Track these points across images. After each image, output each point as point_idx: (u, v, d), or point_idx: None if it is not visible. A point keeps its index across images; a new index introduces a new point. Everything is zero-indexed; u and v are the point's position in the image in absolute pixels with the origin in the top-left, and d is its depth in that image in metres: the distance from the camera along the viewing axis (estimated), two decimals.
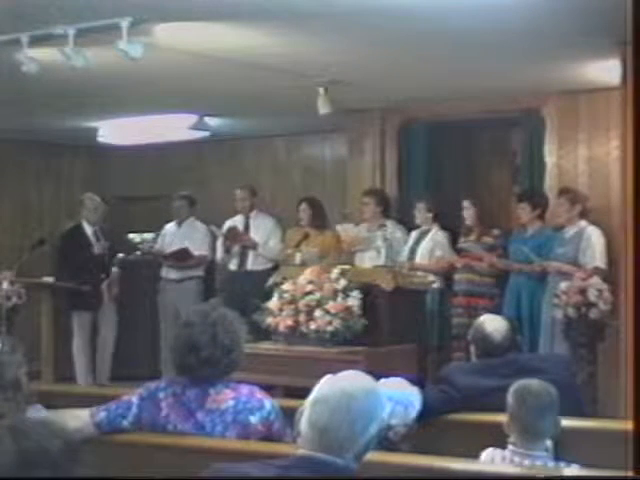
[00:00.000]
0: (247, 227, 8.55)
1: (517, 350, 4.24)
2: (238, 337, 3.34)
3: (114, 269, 8.62)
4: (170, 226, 9.03)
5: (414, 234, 7.72)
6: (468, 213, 7.38)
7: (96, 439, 3.26)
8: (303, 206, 8.08)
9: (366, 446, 2.40)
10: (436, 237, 7.58)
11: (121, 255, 9.04)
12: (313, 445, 2.35)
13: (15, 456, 1.75)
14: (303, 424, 2.40)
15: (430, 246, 7.54)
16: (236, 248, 8.44)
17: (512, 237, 7.32)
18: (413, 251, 7.60)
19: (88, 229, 8.63)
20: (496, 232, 7.34)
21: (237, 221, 8.61)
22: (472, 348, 4.24)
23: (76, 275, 8.40)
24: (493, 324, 4.19)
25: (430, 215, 7.61)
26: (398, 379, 3.83)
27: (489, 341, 4.12)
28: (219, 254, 8.60)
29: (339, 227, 8.15)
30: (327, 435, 2.34)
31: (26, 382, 3.22)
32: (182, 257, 8.68)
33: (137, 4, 4.76)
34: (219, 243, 8.61)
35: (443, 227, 7.63)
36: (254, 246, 8.38)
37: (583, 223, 6.89)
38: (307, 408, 2.41)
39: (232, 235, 8.43)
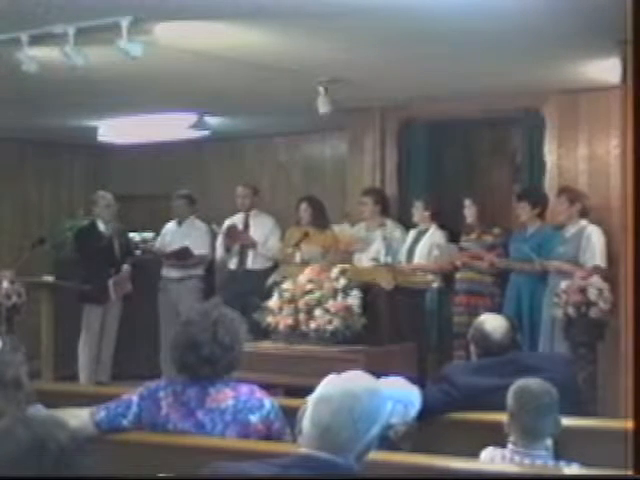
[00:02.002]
0: (247, 225, 8.55)
1: (517, 349, 4.24)
2: (238, 336, 3.34)
3: (125, 266, 8.62)
4: (171, 225, 9.03)
5: (412, 233, 7.72)
6: (469, 212, 7.38)
7: (96, 438, 3.26)
8: (304, 206, 8.08)
9: (367, 447, 2.40)
10: (434, 237, 7.58)
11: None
12: (315, 444, 2.35)
13: (27, 442, 1.82)
14: (305, 423, 2.40)
15: (428, 246, 7.54)
16: (236, 247, 8.44)
17: (512, 236, 7.32)
18: (411, 251, 7.60)
19: (101, 226, 8.68)
20: (497, 231, 7.34)
21: (237, 220, 8.61)
22: (472, 347, 4.24)
23: (88, 271, 8.45)
24: (493, 323, 4.19)
25: (428, 214, 7.61)
26: (398, 378, 3.83)
27: (489, 340, 4.12)
28: (219, 253, 8.61)
29: (336, 227, 8.15)
30: (329, 434, 2.34)
31: (27, 381, 3.23)
32: (183, 256, 8.69)
33: (137, 3, 4.76)
34: (219, 242, 8.62)
35: (442, 226, 7.63)
36: (253, 245, 8.38)
37: (583, 222, 6.90)
38: (310, 407, 2.41)
39: (231, 233, 8.43)
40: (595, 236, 6.80)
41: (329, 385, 2.43)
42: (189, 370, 3.30)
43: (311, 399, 2.44)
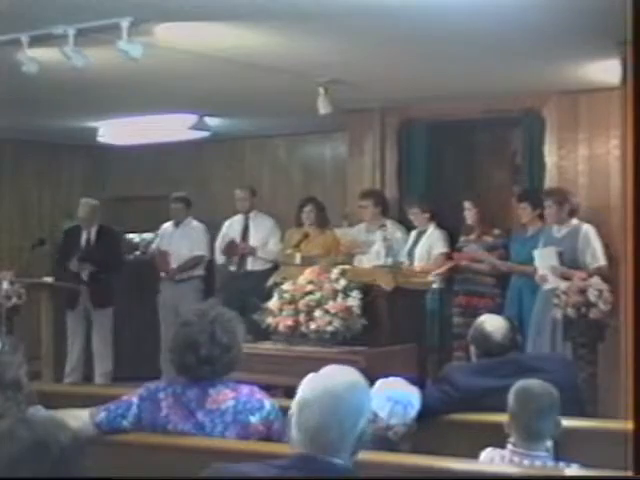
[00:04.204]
0: (246, 227, 8.55)
1: (517, 350, 4.23)
2: (236, 335, 3.34)
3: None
4: (167, 226, 9.01)
5: (413, 235, 7.71)
6: (470, 214, 7.36)
7: (96, 439, 3.26)
8: (308, 207, 8.06)
9: (358, 440, 2.39)
10: (432, 236, 7.57)
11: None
12: (306, 449, 2.35)
13: (28, 443, 1.83)
14: (293, 429, 2.39)
15: (427, 246, 7.54)
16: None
17: (513, 237, 7.31)
18: (411, 253, 7.59)
19: (83, 232, 8.64)
20: (497, 232, 7.33)
21: (236, 221, 8.61)
22: (472, 348, 4.24)
23: (66, 274, 8.41)
24: (493, 324, 4.19)
25: (426, 216, 7.61)
26: (397, 379, 3.82)
27: (489, 341, 4.12)
28: (219, 259, 8.62)
29: (338, 231, 8.14)
30: (318, 437, 2.34)
31: (26, 382, 3.23)
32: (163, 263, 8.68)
33: (137, 4, 4.76)
34: (218, 245, 8.63)
35: (441, 226, 7.62)
36: (253, 252, 8.39)
37: (575, 221, 6.87)
38: (294, 413, 2.41)
39: (231, 249, 8.46)
40: (592, 235, 6.78)
41: (308, 387, 2.42)
42: (188, 371, 3.30)
43: (294, 405, 2.44)
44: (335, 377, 2.44)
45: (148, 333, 8.91)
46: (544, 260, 6.82)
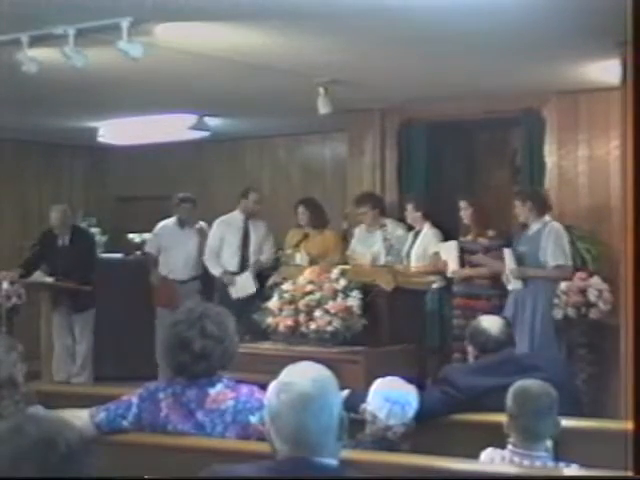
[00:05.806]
0: (247, 228, 8.51)
1: (513, 346, 4.24)
2: (227, 327, 3.33)
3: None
4: (168, 226, 8.89)
5: (410, 236, 7.71)
6: (465, 213, 7.32)
7: (96, 439, 3.25)
8: (300, 208, 8.06)
9: (340, 427, 2.38)
10: (427, 236, 7.56)
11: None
12: (292, 453, 2.35)
13: (37, 438, 1.83)
14: (274, 440, 2.39)
15: (423, 246, 7.52)
16: (236, 248, 8.44)
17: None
18: (409, 254, 7.58)
19: (59, 238, 8.45)
20: (491, 233, 7.26)
21: (234, 224, 8.50)
22: (469, 348, 4.23)
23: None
24: (489, 320, 4.25)
25: (419, 214, 7.58)
26: (394, 378, 3.82)
27: (485, 336, 4.12)
28: (208, 257, 8.57)
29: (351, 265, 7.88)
30: (300, 443, 2.33)
31: (22, 381, 3.23)
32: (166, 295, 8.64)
33: (137, 4, 4.76)
34: (209, 242, 8.58)
35: (439, 226, 7.60)
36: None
37: (545, 219, 6.84)
38: (269, 425, 2.40)
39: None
40: (556, 234, 6.74)
41: (275, 396, 2.40)
42: (184, 369, 3.29)
43: (266, 417, 2.43)
44: (298, 377, 2.42)
45: (148, 333, 8.90)
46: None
